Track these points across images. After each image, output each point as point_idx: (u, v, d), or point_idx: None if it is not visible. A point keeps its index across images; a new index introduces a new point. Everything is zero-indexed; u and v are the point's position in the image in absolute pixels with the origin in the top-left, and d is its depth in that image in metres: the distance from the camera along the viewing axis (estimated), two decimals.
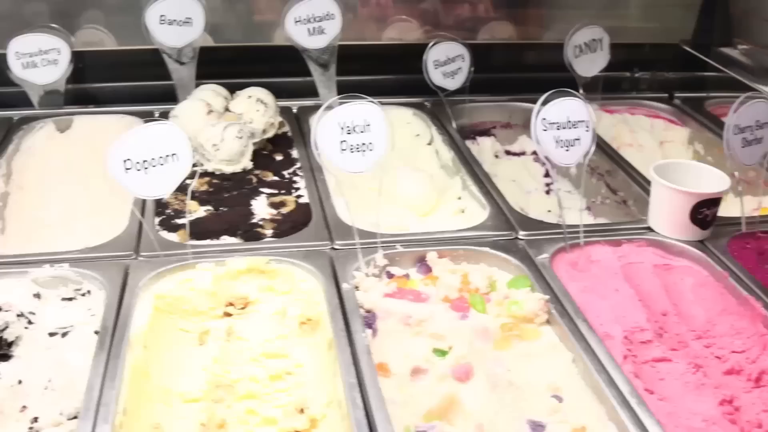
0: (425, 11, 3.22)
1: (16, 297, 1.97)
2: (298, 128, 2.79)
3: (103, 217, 2.42)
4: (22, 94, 2.78)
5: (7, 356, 1.86)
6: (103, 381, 1.69)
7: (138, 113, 2.88)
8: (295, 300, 2.01)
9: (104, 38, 3.03)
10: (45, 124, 2.82)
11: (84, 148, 2.79)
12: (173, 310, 1.97)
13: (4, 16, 2.90)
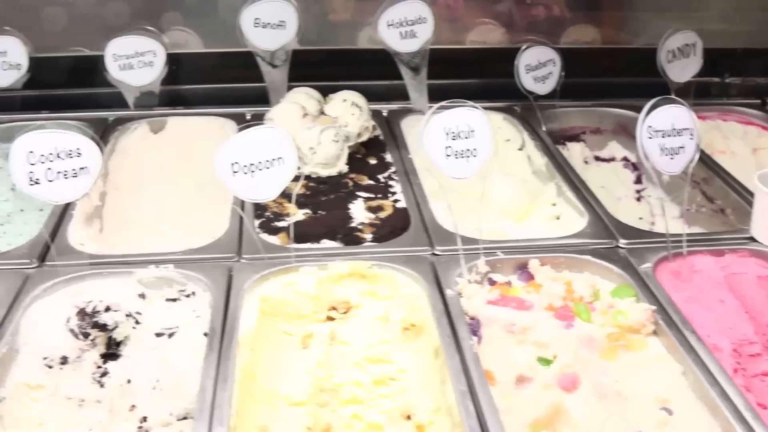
0: (512, 14, 3.19)
1: (122, 297, 1.98)
2: (390, 132, 2.78)
3: (195, 217, 2.45)
4: (118, 95, 2.81)
5: (115, 355, 1.89)
6: (216, 383, 1.70)
7: (230, 115, 2.89)
8: (397, 305, 2.00)
9: (190, 40, 3.02)
10: (139, 124, 2.85)
11: (177, 148, 2.82)
12: (277, 313, 1.98)
13: (100, 18, 2.92)
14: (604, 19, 3.27)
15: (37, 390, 1.81)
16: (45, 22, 2.96)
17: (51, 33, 2.97)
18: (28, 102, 2.88)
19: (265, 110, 2.82)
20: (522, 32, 3.16)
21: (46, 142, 1.92)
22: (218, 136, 2.82)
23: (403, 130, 2.79)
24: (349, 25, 3.08)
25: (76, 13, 2.97)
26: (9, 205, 2.58)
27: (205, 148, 2.71)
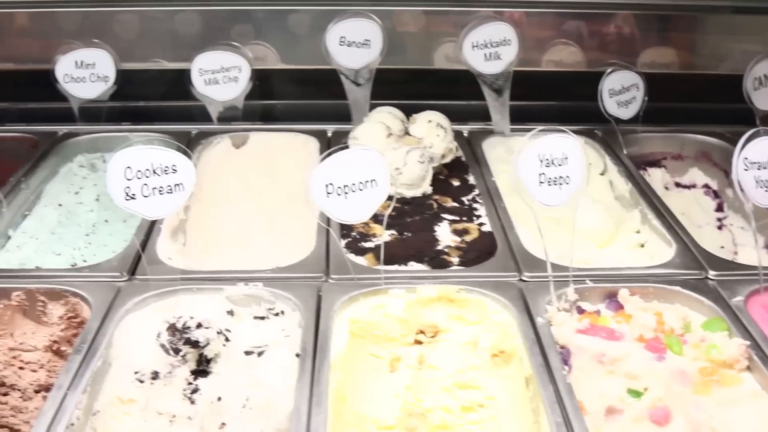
0: (593, 37, 3.16)
1: (211, 313, 2.00)
2: (471, 153, 2.77)
3: (278, 234, 2.46)
4: (202, 108, 2.83)
5: (206, 372, 1.90)
6: (310, 405, 1.70)
7: (312, 132, 2.89)
8: (486, 331, 1.99)
9: (274, 56, 3.04)
10: (222, 139, 2.88)
11: (259, 164, 2.83)
12: (365, 335, 1.98)
13: (187, 33, 2.95)
14: (687, 43, 3.23)
15: (128, 404, 1.83)
16: (132, 35, 2.98)
17: (137, 46, 2.99)
18: (113, 113, 2.90)
19: (346, 128, 2.84)
20: (602, 55, 3.12)
21: (143, 158, 1.95)
22: (300, 152, 2.84)
23: (484, 151, 2.77)
24: (431, 45, 3.06)
25: (163, 28, 2.99)
26: (94, 215, 2.61)
27: (287, 164, 2.74)
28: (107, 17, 2.99)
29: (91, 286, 2.07)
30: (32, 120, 3.05)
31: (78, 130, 2.93)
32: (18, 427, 1.86)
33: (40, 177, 2.70)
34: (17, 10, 3.00)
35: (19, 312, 2.08)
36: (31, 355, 2.02)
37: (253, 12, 2.98)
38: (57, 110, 2.96)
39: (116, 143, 2.87)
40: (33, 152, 2.86)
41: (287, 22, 3.00)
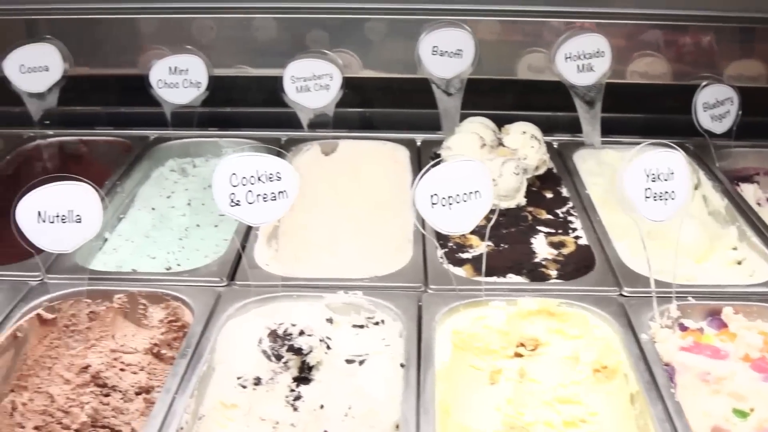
0: (685, 50, 3.12)
1: (311, 321, 2.00)
2: (563, 165, 2.74)
3: (366, 241, 2.46)
4: (292, 115, 2.84)
5: (307, 380, 1.90)
6: (418, 416, 1.69)
7: (401, 140, 2.89)
8: (588, 345, 1.97)
9: (363, 64, 3.05)
10: (312, 146, 2.89)
11: (348, 171, 2.84)
12: (466, 346, 1.98)
13: (277, 40, 2.97)
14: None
15: (231, 409, 1.84)
16: (223, 41, 3.01)
17: (229, 52, 3.01)
18: (204, 119, 2.92)
19: (435, 137, 2.89)
20: (690, 68, 3.08)
21: (248, 166, 1.96)
22: (389, 160, 2.84)
23: (576, 163, 2.74)
24: (519, 55, 3.05)
25: (253, 35, 3.02)
26: (186, 219, 2.64)
27: (375, 172, 2.74)
28: (199, 24, 3.01)
29: (192, 291, 2.09)
30: (123, 124, 3.08)
31: (169, 134, 2.93)
32: (119, 428, 1.88)
33: (134, 180, 2.73)
34: (113, 16, 3.04)
35: (121, 314, 2.11)
36: (132, 357, 2.04)
37: (342, 20, 2.98)
38: (147, 115, 2.98)
39: (206, 149, 2.91)
40: (126, 156, 2.89)
41: (376, 30, 2.99)
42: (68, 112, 3.04)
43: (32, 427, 1.88)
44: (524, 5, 3.00)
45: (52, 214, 2.01)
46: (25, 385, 1.98)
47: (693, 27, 3.07)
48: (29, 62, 2.88)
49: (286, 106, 2.84)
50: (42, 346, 2.07)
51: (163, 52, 2.98)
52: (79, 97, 3.04)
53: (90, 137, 3.06)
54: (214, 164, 2.79)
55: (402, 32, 2.97)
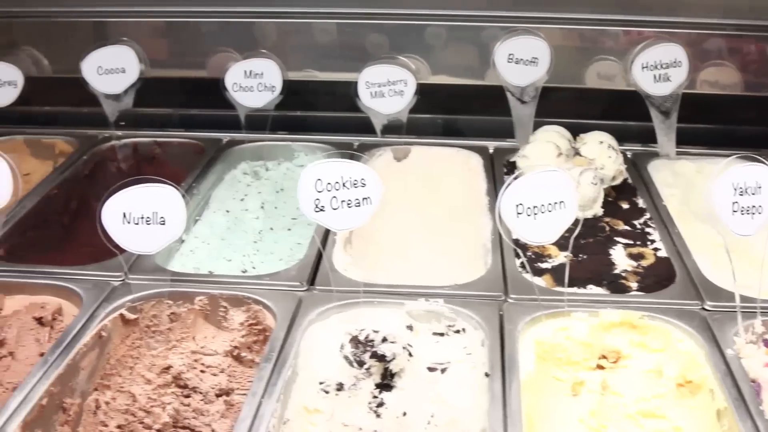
0: (755, 60, 3.08)
1: (392, 327, 2.00)
2: (638, 175, 2.72)
3: (439, 248, 2.47)
4: (364, 120, 2.84)
5: (390, 387, 1.90)
6: (505, 426, 1.68)
7: (473, 147, 2.89)
8: (671, 359, 1.95)
9: (437, 70, 3.05)
10: (384, 151, 2.89)
11: (420, 178, 2.84)
12: (549, 357, 1.96)
13: (354, 46, 2.98)
14: None
15: (314, 414, 1.84)
16: (298, 46, 3.03)
17: (303, 57, 3.02)
18: (277, 123, 2.93)
19: (507, 145, 2.90)
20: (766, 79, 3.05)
21: (334, 171, 1.96)
22: (462, 167, 2.84)
23: (650, 174, 2.72)
24: (592, 64, 3.03)
25: (328, 40, 3.02)
26: (259, 223, 2.66)
27: (448, 179, 2.74)
28: (274, 29, 3.02)
29: (273, 295, 2.10)
30: (195, 126, 3.10)
31: (242, 137, 2.95)
32: (199, 429, 1.90)
33: (209, 183, 2.76)
34: (188, 20, 3.06)
35: (201, 316, 2.13)
36: (212, 359, 2.06)
37: (415, 26, 2.98)
38: (218, 117, 3.01)
39: (279, 152, 2.93)
40: (198, 158, 2.91)
41: (448, 37, 2.99)
42: (142, 113, 3.05)
43: (115, 426, 1.90)
44: (596, 14, 2.96)
45: (137, 215, 2.03)
46: (108, 384, 2.00)
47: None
48: (106, 64, 2.91)
49: (359, 111, 2.84)
50: (124, 346, 2.09)
51: (233, 55, 2.99)
52: (153, 99, 3.04)
53: (163, 139, 3.07)
54: (286, 168, 2.83)
55: (475, 39, 2.96)
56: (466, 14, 2.99)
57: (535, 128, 2.80)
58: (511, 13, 2.94)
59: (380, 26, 3.04)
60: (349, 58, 3.04)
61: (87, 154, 2.96)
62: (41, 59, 3.24)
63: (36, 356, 2.04)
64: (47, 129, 3.16)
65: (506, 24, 2.88)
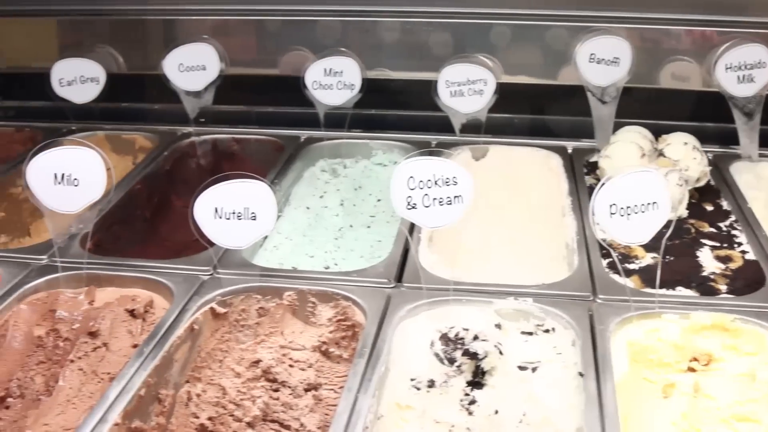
0: None
1: (480, 325, 2.00)
2: (721, 177, 2.69)
3: (520, 248, 2.49)
4: (442, 119, 2.85)
5: (481, 384, 1.90)
6: (603, 427, 1.68)
7: (552, 147, 2.88)
8: (764, 363, 1.93)
9: (515, 70, 3.05)
10: (462, 150, 2.89)
11: (498, 177, 2.84)
12: (640, 358, 1.95)
13: (433, 44, 2.99)
14: None
15: (406, 410, 1.85)
16: (376, 44, 3.04)
17: (381, 55, 3.03)
18: (355, 121, 2.95)
19: (586, 145, 2.90)
20: None
21: (426, 169, 1.97)
22: (541, 167, 2.84)
23: (733, 176, 2.69)
24: (670, 64, 3.00)
25: (406, 38, 3.03)
26: (339, 219, 2.68)
27: (527, 179, 2.74)
28: (352, 27, 3.04)
29: (362, 291, 2.11)
30: (271, 123, 3.12)
31: (320, 135, 2.97)
32: (288, 423, 1.91)
33: (289, 179, 2.78)
34: (265, 18, 3.09)
35: (289, 311, 2.14)
36: (300, 353, 2.07)
37: (496, 25, 2.98)
38: (294, 114, 3.04)
39: (357, 150, 2.94)
40: (276, 155, 2.93)
41: (527, 36, 2.99)
42: (220, 110, 3.08)
43: (206, 418, 1.92)
44: (676, 14, 2.95)
45: (229, 210, 2.04)
46: (198, 376, 2.03)
47: None
48: (187, 61, 2.95)
49: (437, 110, 2.85)
50: (214, 339, 2.11)
51: (306, 54, 3.01)
52: (229, 96, 3.07)
53: (241, 135, 3.10)
54: (363, 166, 2.84)
55: (553, 39, 2.95)
56: (544, 14, 2.97)
57: (614, 129, 2.76)
58: (590, 12, 2.92)
59: (458, 25, 3.05)
60: (427, 56, 3.06)
61: (168, 150, 2.99)
62: (121, 57, 3.27)
63: (129, 348, 2.06)
64: (128, 125, 3.17)
65: (585, 24, 2.86)
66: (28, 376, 2.04)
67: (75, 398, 1.96)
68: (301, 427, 1.90)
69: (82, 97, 3.05)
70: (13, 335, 2.12)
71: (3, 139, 3.22)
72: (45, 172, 2.15)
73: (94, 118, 3.14)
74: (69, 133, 3.15)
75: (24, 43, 3.42)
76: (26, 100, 3.47)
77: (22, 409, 1.97)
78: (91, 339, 2.08)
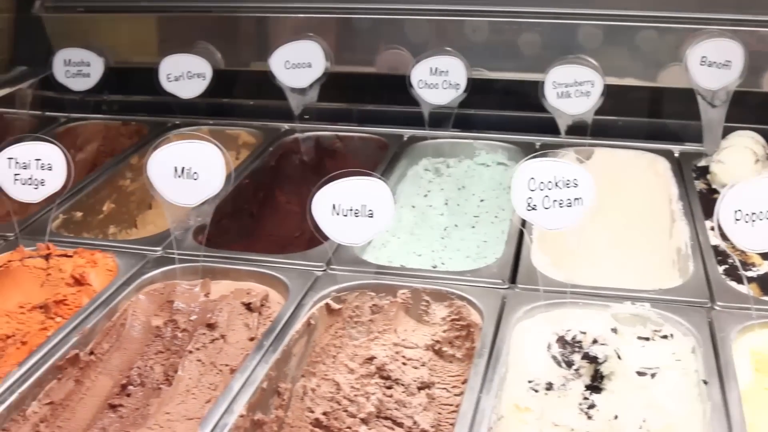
0: None
1: (597, 329, 1.99)
2: None
3: (627, 252, 2.45)
4: (548, 121, 2.83)
5: (599, 389, 1.89)
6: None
7: (658, 151, 2.85)
8: None
9: (622, 72, 3.02)
10: (566, 152, 2.86)
11: (603, 180, 2.77)
12: (764, 368, 1.92)
13: (538, 45, 2.98)
14: None
15: (525, 412, 1.85)
16: (481, 44, 3.04)
17: (485, 55, 3.03)
18: (459, 120, 2.95)
19: (692, 148, 2.86)
20: None
21: (547, 170, 1.97)
22: (647, 171, 2.81)
23: None
24: None
25: (512, 38, 3.03)
26: (444, 219, 2.69)
27: (632, 183, 2.71)
28: (456, 26, 3.04)
29: (476, 291, 2.11)
30: (372, 121, 3.13)
31: (423, 134, 2.98)
32: (401, 420, 1.92)
33: (395, 178, 2.78)
34: (374, 16, 3.10)
35: (403, 309, 2.15)
36: (413, 351, 2.08)
37: (603, 27, 2.97)
38: (394, 113, 3.05)
39: (460, 150, 2.95)
40: (379, 153, 2.95)
41: (636, 37, 2.95)
42: (323, 107, 3.10)
43: (321, 413, 1.94)
44: None
45: (346, 207, 2.06)
46: (313, 371, 2.05)
47: None
48: (293, 58, 2.98)
49: (541, 111, 2.83)
50: (328, 335, 2.13)
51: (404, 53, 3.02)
52: (329, 94, 3.09)
53: (344, 133, 3.12)
54: (467, 165, 2.84)
55: (661, 41, 2.92)
56: (655, 15, 2.94)
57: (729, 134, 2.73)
58: (701, 14, 2.87)
59: (563, 26, 3.02)
60: (529, 57, 3.04)
61: (273, 146, 3.01)
62: (222, 53, 3.30)
63: (245, 341, 2.09)
64: (232, 120, 3.21)
65: (696, 26, 2.81)
66: (147, 365, 2.08)
67: (194, 388, 1.98)
68: (414, 425, 1.91)
69: (189, 92, 3.10)
70: (131, 324, 2.16)
71: (110, 132, 3.28)
72: (166, 166, 2.17)
73: (200, 113, 3.17)
74: (174, 127, 3.19)
75: (129, 39, 3.49)
76: (129, 94, 3.50)
77: (143, 397, 2.01)
78: (209, 331, 2.10)
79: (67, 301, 2.17)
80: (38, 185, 2.33)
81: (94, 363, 2.05)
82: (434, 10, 3.11)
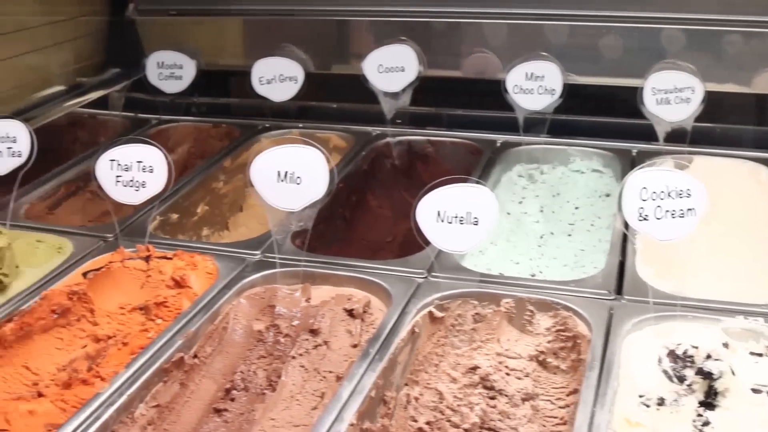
0: None
1: (707, 344, 1.94)
2: None
3: (739, 262, 2.41)
4: (646, 127, 2.78)
5: (713, 405, 1.84)
6: None
7: (759, 159, 2.79)
8: None
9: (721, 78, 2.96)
10: (664, 160, 2.82)
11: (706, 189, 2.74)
12: None
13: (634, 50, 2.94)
14: None
15: (636, 427, 1.81)
16: (577, 48, 3.00)
17: (579, 60, 2.99)
18: (553, 126, 2.92)
19: None
20: None
21: (659, 180, 1.93)
22: (747, 180, 2.75)
23: None
24: None
25: (608, 43, 2.99)
26: (540, 226, 2.65)
27: (732, 192, 2.65)
28: (554, 31, 3.01)
29: (582, 302, 2.07)
30: (461, 126, 3.13)
31: (517, 140, 2.95)
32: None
33: (489, 184, 2.76)
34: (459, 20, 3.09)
35: (506, 318, 2.12)
36: (516, 362, 2.06)
37: (703, 32, 2.91)
38: (485, 118, 3.01)
39: (554, 156, 2.90)
40: (471, 158, 2.93)
41: (737, 42, 2.89)
42: (413, 111, 3.09)
43: (424, 422, 1.93)
44: None
45: (451, 214, 2.04)
46: (416, 380, 2.03)
47: None
48: (387, 62, 2.97)
49: (638, 117, 2.79)
50: (430, 343, 2.12)
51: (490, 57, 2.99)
52: (418, 98, 3.08)
53: (436, 138, 3.10)
54: (561, 172, 2.80)
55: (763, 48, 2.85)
56: (754, 20, 2.88)
57: None
58: None
59: (658, 31, 2.97)
60: (624, 62, 2.99)
61: (365, 149, 3.01)
62: (311, 56, 3.30)
63: (348, 347, 2.08)
64: (323, 123, 3.21)
65: None
66: (250, 370, 2.08)
67: (298, 394, 1.98)
68: None
69: (281, 95, 3.10)
70: (233, 328, 2.16)
71: (201, 134, 3.30)
72: (268, 170, 2.17)
73: (291, 116, 3.18)
74: (264, 130, 3.20)
75: (218, 43, 3.51)
76: (216, 96, 3.52)
77: (247, 402, 2.01)
78: (311, 336, 2.10)
79: (167, 303, 2.17)
80: (139, 187, 2.33)
81: (198, 366, 2.05)
82: (536, 15, 3.08)
